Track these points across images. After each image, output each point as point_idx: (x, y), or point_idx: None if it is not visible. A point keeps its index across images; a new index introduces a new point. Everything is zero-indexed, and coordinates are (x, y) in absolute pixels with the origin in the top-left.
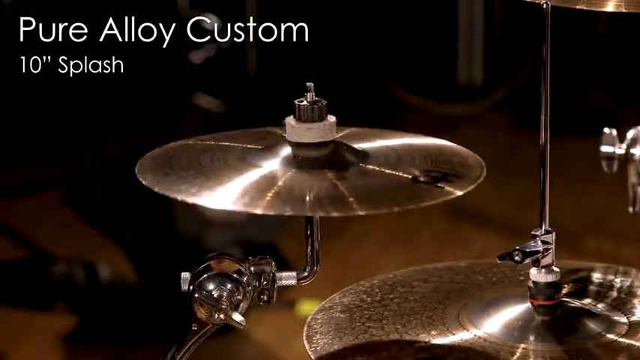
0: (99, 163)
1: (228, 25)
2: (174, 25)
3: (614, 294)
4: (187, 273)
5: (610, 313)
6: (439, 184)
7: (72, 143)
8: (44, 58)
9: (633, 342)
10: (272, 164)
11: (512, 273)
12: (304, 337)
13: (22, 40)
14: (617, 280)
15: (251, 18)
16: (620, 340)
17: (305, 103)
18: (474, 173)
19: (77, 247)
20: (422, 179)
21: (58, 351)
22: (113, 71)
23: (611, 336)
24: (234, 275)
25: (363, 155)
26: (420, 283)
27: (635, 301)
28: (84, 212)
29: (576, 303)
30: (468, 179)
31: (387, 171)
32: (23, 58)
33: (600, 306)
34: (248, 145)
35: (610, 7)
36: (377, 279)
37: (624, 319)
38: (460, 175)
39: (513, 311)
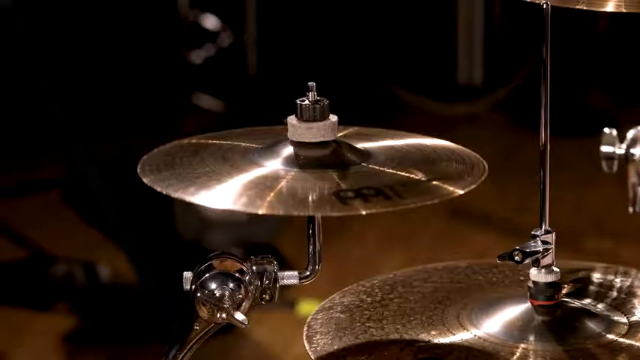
0: (99, 163)
1: (228, 25)
2: (174, 25)
3: (614, 294)
4: (189, 272)
5: (610, 313)
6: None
7: (72, 143)
8: (44, 57)
9: (633, 342)
10: (274, 163)
11: (512, 273)
12: (304, 337)
13: (22, 39)
14: (617, 280)
15: (251, 18)
16: (620, 340)
17: (307, 102)
18: (475, 173)
19: (77, 247)
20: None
21: (58, 351)
22: (113, 71)
23: (611, 336)
24: (237, 274)
25: (365, 155)
26: (420, 283)
27: (635, 301)
28: (84, 212)
29: (576, 303)
30: (469, 179)
31: (389, 170)
32: (23, 58)
33: (600, 306)
34: (250, 144)
35: (610, 8)
36: (377, 279)
37: (624, 319)
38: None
39: (513, 311)
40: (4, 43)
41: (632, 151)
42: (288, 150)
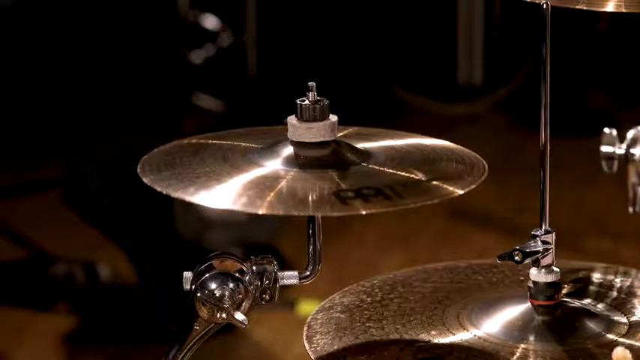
0: (99, 163)
1: (228, 25)
2: (174, 25)
3: (614, 294)
4: (189, 272)
5: (610, 313)
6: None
7: (72, 143)
8: (44, 57)
9: (633, 342)
10: (274, 163)
11: (512, 273)
12: (304, 337)
13: (22, 39)
14: (617, 280)
15: (251, 18)
16: (620, 340)
17: (307, 102)
18: (475, 173)
19: (77, 247)
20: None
21: (58, 351)
22: (113, 71)
23: (611, 336)
24: (237, 274)
25: (365, 155)
26: (420, 283)
27: (635, 301)
28: (84, 212)
29: (576, 303)
30: (469, 179)
31: (389, 170)
32: (23, 58)
33: (600, 306)
34: (250, 144)
35: (610, 8)
36: (377, 279)
37: (624, 319)
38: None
39: (513, 311)
40: (4, 43)
41: (632, 151)
42: (288, 150)
